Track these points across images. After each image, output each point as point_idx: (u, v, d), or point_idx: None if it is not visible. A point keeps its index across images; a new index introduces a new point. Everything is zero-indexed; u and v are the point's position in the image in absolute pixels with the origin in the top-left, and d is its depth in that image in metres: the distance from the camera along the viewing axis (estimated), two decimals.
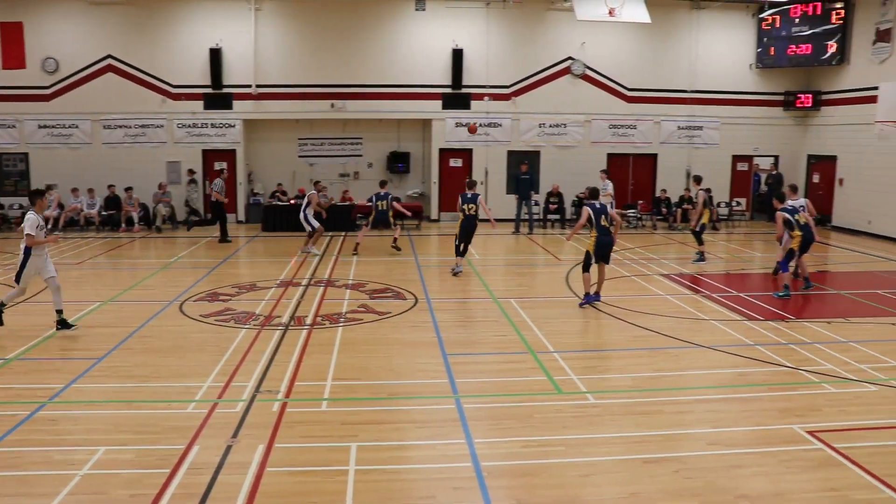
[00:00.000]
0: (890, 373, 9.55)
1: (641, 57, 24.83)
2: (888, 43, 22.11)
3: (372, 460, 6.73)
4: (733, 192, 26.02)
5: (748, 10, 25.07)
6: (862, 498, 6.22)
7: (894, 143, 20.86)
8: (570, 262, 17.12)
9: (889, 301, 13.75)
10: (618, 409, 8.13)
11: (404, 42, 23.69)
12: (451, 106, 24.05)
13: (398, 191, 24.39)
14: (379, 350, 10.25)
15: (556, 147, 24.68)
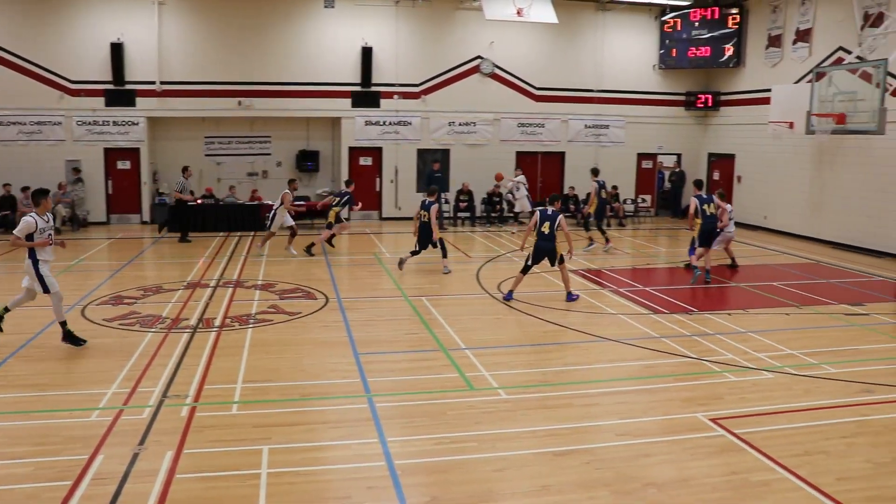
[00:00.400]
0: (785, 360, 10.03)
1: (549, 57, 25.26)
2: (779, 48, 23.17)
3: (284, 462, 6.67)
4: (639, 189, 26.77)
5: (651, 13, 25.81)
6: (760, 479, 6.52)
7: (786, 143, 21.86)
8: (480, 260, 17.30)
9: (784, 292, 14.41)
10: (529, 404, 8.28)
11: (313, 39, 23.42)
12: (361, 104, 23.92)
13: (307, 190, 24.13)
14: (290, 351, 10.15)
15: (466, 145, 24.86)
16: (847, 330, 11.93)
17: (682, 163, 27.11)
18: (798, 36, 22.36)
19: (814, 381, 9.25)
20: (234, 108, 23.01)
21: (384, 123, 24.14)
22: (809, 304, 13.51)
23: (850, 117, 17.03)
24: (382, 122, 24.12)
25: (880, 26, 18.36)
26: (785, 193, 22.63)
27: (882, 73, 16.15)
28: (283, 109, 23.39)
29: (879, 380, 9.32)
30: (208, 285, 14.23)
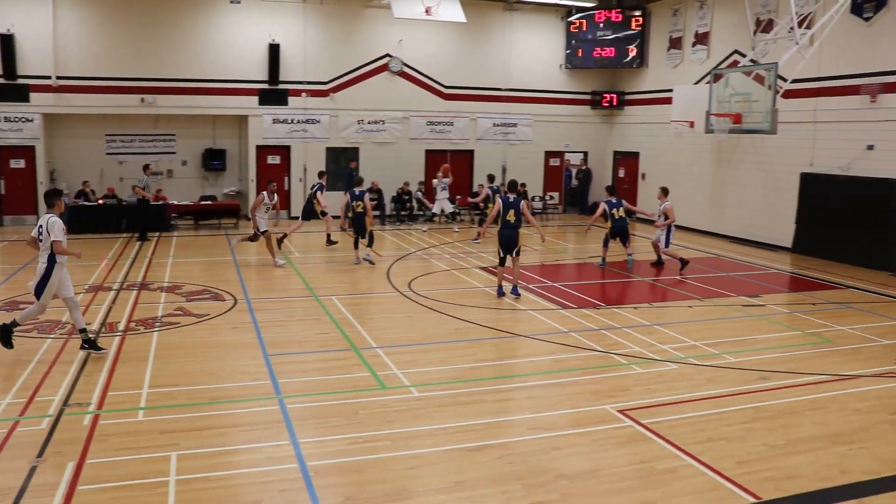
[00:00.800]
0: (688, 351, 10.38)
1: (458, 55, 25.43)
2: (680, 50, 23.97)
3: (194, 468, 6.52)
4: (546, 186, 27.22)
5: (557, 14, 26.29)
6: (666, 467, 6.73)
7: (687, 141, 22.60)
8: (390, 258, 17.28)
9: (687, 286, 14.92)
10: (441, 401, 8.32)
11: (219, 35, 22.91)
12: (268, 102, 23.55)
13: (214, 189, 23.64)
14: (198, 354, 9.92)
15: (375, 143, 24.79)
16: (745, 321, 12.44)
17: (588, 161, 27.73)
18: (697, 39, 23.17)
19: (715, 370, 9.61)
20: (136, 105, 22.30)
21: (292, 121, 23.84)
22: (711, 297, 14.02)
23: (745, 117, 17.71)
24: (291, 121, 23.81)
25: (770, 32, 19.19)
26: (687, 190, 23.39)
27: (773, 76, 16.86)
28: (189, 107, 22.81)
29: (775, 367, 9.75)
30: (111, 288, 13.78)
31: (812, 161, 18.92)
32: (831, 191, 18.27)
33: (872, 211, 17.25)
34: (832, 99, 18.40)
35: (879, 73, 17.20)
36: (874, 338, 11.35)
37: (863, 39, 17.62)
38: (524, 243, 20.02)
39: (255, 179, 23.69)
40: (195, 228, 21.69)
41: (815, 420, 7.98)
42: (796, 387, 9.03)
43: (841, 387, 9.11)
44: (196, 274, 15.16)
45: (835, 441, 7.43)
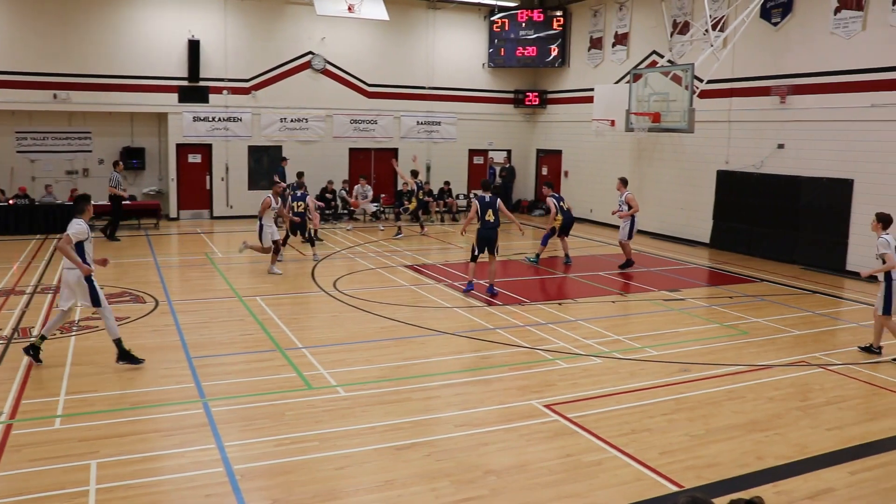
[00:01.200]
0: (611, 345, 10.60)
1: (381, 53, 25.35)
2: (600, 50, 24.42)
3: (115, 476, 6.33)
4: (471, 184, 27.37)
5: (480, 13, 26.46)
6: (592, 459, 6.86)
7: (608, 140, 23.06)
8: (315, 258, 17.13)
9: (609, 281, 15.22)
10: (368, 400, 8.29)
11: (136, 30, 22.25)
12: (189, 99, 23.03)
13: (133, 188, 23.00)
14: None
15: (298, 142, 24.51)
16: (666, 314, 12.76)
17: (512, 158, 27.99)
18: (617, 39, 23.64)
19: (638, 363, 9.83)
20: (49, 102, 21.49)
21: (213, 119, 23.38)
22: (632, 292, 14.35)
23: (664, 116, 18.15)
24: (212, 118, 23.35)
25: (686, 34, 19.72)
26: (609, 187, 23.73)
27: (690, 76, 17.33)
28: (105, 104, 22.10)
29: (695, 359, 10.03)
30: (24, 292, 13.28)
31: (727, 159, 19.53)
32: (746, 188, 18.91)
33: (783, 207, 17.92)
34: (745, 99, 19.04)
35: (788, 75, 17.87)
36: (787, 329, 11.79)
37: (772, 43, 18.28)
38: (453, 242, 20.17)
39: (175, 178, 23.15)
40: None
41: (733, 409, 8.25)
42: (715, 378, 9.31)
43: (756, 376, 9.44)
44: (115, 276, 14.72)
45: (751, 429, 7.70)
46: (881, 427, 7.90)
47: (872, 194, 15.90)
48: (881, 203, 15.66)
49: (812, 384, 9.23)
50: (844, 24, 16.53)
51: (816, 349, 10.72)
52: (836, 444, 7.40)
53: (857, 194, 16.28)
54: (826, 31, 16.96)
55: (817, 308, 13.38)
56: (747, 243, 18.93)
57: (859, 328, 12.08)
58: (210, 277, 15.00)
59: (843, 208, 16.52)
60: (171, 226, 22.37)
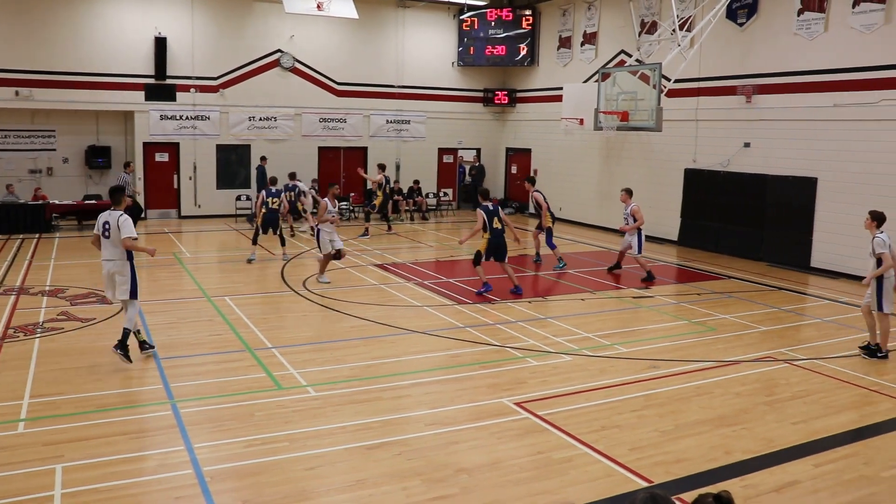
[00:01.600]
0: (581, 343, 10.66)
1: (351, 52, 25.26)
2: (569, 49, 24.55)
3: (81, 480, 6.25)
4: (440, 182, 27.39)
5: (449, 12, 26.47)
6: (562, 456, 6.90)
7: (577, 138, 23.18)
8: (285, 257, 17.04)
9: (578, 279, 15.31)
10: (338, 400, 8.26)
11: (101, 27, 21.91)
12: (155, 97, 22.75)
13: (99, 188, 22.69)
14: (84, 360, 9.51)
15: (267, 141, 24.34)
16: (635, 312, 12.87)
17: (481, 157, 28.03)
18: (585, 38, 23.78)
19: (607, 360, 9.90)
20: (11, 99, 21.09)
21: (181, 118, 23.14)
22: (602, 290, 14.44)
23: (632, 115, 18.30)
24: (179, 117, 23.11)
25: (654, 34, 19.89)
26: (578, 185, 24.02)
27: (657, 75, 17.49)
28: (69, 101, 21.74)
29: (664, 356, 10.13)
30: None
31: (695, 158, 19.74)
32: (713, 186, 19.12)
33: (749, 205, 18.15)
34: (712, 98, 19.26)
35: (753, 75, 18.10)
36: (753, 325, 11.95)
37: (737, 43, 18.50)
38: (423, 241, 20.17)
39: (142, 178, 22.87)
40: (79, 229, 20.77)
41: (702, 405, 8.34)
42: (684, 374, 9.41)
43: (724, 372, 9.55)
44: (81, 276, 14.54)
45: (719, 424, 7.79)
46: (844, 420, 8.04)
47: (836, 192, 16.17)
48: (844, 201, 15.97)
49: (778, 379, 9.36)
50: (807, 25, 16.78)
51: (782, 345, 10.88)
52: (802, 438, 7.51)
53: (820, 192, 16.54)
54: (790, 32, 17.20)
55: (783, 304, 13.57)
56: (715, 241, 19.15)
57: (823, 323, 12.28)
58: (178, 277, 14.86)
59: (808, 206, 16.77)
60: (139, 225, 22.00)
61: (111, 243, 9.25)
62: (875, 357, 10.17)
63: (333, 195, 14.80)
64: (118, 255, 9.27)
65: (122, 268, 9.31)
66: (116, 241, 9.21)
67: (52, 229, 20.26)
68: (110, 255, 9.29)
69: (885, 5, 15.22)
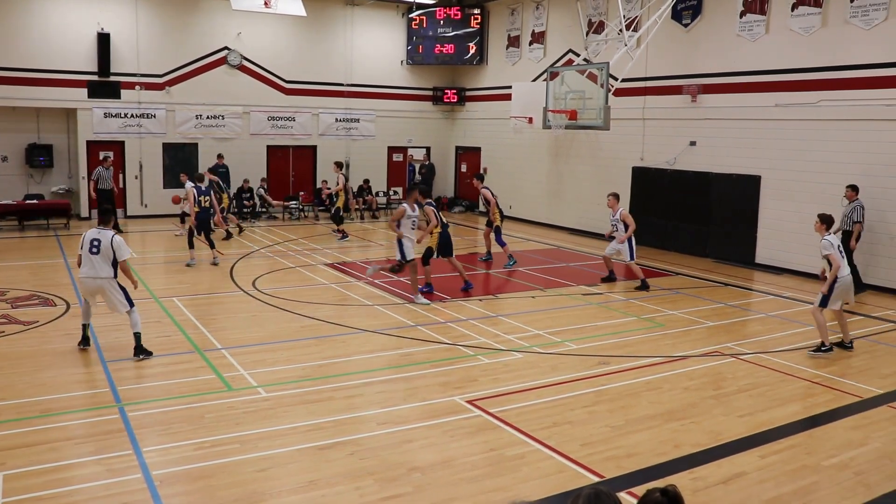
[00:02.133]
0: (532, 340, 10.74)
1: (299, 50, 25.05)
2: (518, 48, 24.70)
3: (24, 488, 6.08)
4: (390, 181, 27.32)
5: (398, 10, 26.42)
6: (515, 453, 6.95)
7: (526, 137, 23.31)
8: (233, 257, 16.83)
9: (529, 277, 15.41)
10: (290, 401, 8.20)
11: (41, 21, 21.32)
12: (99, 94, 22.25)
13: (41, 187, 22.14)
14: (25, 364, 9.27)
15: (215, 139, 23.99)
16: (585, 309, 13.01)
17: (431, 155, 28.04)
18: (534, 38, 23.93)
19: (558, 357, 9.99)
20: None
21: (126, 116, 22.67)
22: (552, 287, 14.56)
23: (580, 114, 18.42)
24: (124, 115, 22.63)
25: (601, 33, 20.11)
26: (527, 184, 24.18)
27: (605, 74, 17.65)
28: (7, 98, 21.12)
29: (614, 352, 10.26)
30: None
31: (642, 156, 20.02)
32: (660, 184, 19.42)
33: (695, 203, 18.48)
34: (658, 98, 19.55)
35: (698, 74, 18.43)
36: (701, 320, 12.17)
37: (683, 43, 18.82)
38: (373, 240, 20.08)
39: (85, 177, 22.33)
40: (20, 229, 20.24)
41: (651, 400, 8.47)
42: (633, 370, 9.55)
43: (673, 367, 9.72)
44: (22, 278, 14.18)
45: (668, 418, 7.92)
46: (788, 412, 8.24)
47: (779, 190, 16.55)
48: (787, 199, 16.35)
49: (725, 373, 9.55)
50: (749, 27, 17.13)
51: (729, 339, 11.10)
52: (748, 430, 7.68)
53: (764, 190, 16.91)
54: (732, 33, 17.55)
55: (729, 300, 13.84)
56: (662, 238, 19.44)
57: (768, 318, 12.56)
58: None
59: (752, 204, 17.13)
60: (83, 226, 21.53)
61: (100, 260, 9.27)
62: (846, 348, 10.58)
63: (414, 200, 13.33)
64: (107, 272, 9.34)
65: (111, 285, 9.41)
66: (106, 259, 9.31)
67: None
68: (97, 272, 9.32)
69: (822, 9, 15.62)
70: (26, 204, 20.75)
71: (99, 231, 9.44)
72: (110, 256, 9.30)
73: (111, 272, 9.37)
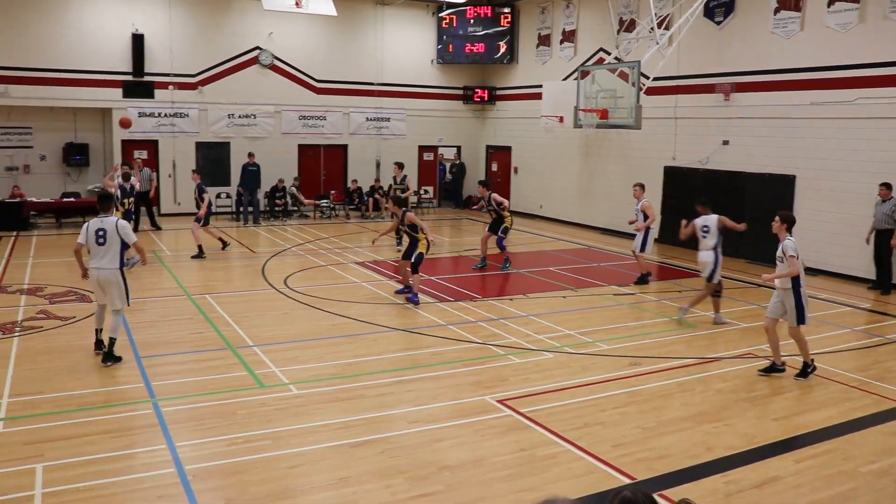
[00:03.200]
0: (562, 340, 10.70)
1: (330, 49, 25.17)
2: (548, 47, 24.60)
3: (62, 480, 6.19)
4: (421, 180, 27.36)
5: (428, 9, 26.45)
6: (545, 453, 6.93)
7: (557, 136, 23.23)
8: (265, 255, 16.96)
9: (560, 277, 15.35)
10: (321, 398, 8.24)
11: (78, 23, 21.64)
12: (133, 94, 22.53)
13: (77, 185, 22.49)
14: (63, 358, 9.43)
15: (247, 138, 24.19)
16: (617, 309, 12.93)
17: (461, 155, 28.04)
18: (564, 36, 23.83)
19: (589, 358, 9.94)
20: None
21: (160, 115, 22.94)
22: (583, 287, 14.49)
23: (611, 113, 18.34)
24: (158, 114, 22.91)
25: (633, 32, 19.98)
26: (558, 183, 24.09)
27: (636, 73, 17.55)
28: (46, 98, 21.47)
29: (645, 353, 10.18)
30: None
31: (674, 155, 19.85)
32: (692, 184, 19.22)
33: (728, 203, 18.21)
34: (690, 97, 19.38)
35: (731, 73, 18.23)
36: (733, 322, 12.04)
37: (715, 41, 18.62)
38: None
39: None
40: (57, 227, 20.57)
41: (683, 402, 8.40)
42: (665, 371, 9.47)
43: (705, 369, 9.63)
44: (59, 275, 14.39)
45: (700, 420, 7.85)
46: (824, 415, 8.12)
47: (814, 189, 16.33)
48: (822, 198, 16.13)
49: (758, 376, 9.43)
50: (784, 24, 16.92)
51: (762, 341, 10.91)
52: (782, 434, 7.58)
53: (799, 190, 16.69)
54: (767, 30, 17.34)
55: (762, 301, 13.65)
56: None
57: None
58: (158, 275, 14.74)
59: (786, 204, 16.87)
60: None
61: (106, 250, 9.14)
62: (806, 376, 9.28)
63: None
64: (114, 262, 9.21)
65: (116, 276, 9.25)
66: (113, 248, 9.16)
67: (30, 227, 20.04)
68: (104, 263, 9.17)
69: (860, 5, 15.37)
70: (63, 202, 21.08)
71: (102, 220, 9.20)
72: (118, 243, 9.16)
73: (118, 263, 9.23)
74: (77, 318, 11.33)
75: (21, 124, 21.96)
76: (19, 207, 19.81)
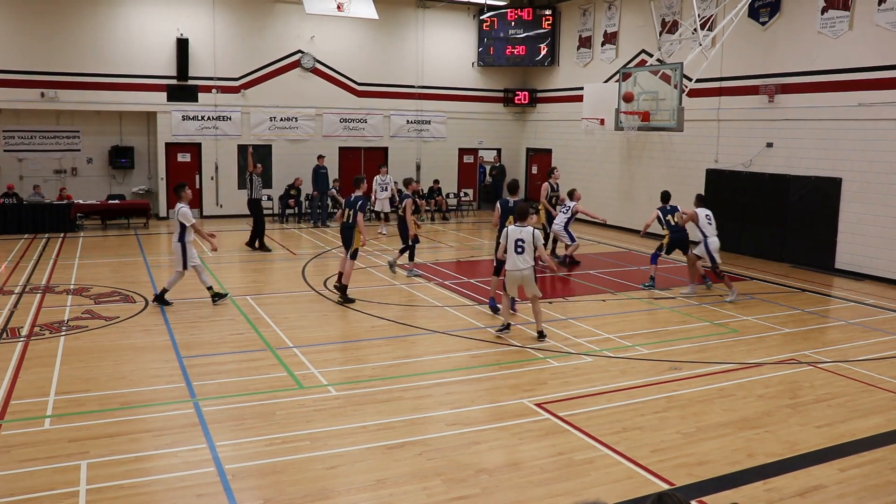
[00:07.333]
0: (602, 344, 10.61)
1: (371, 52, 25.31)
2: (589, 49, 24.48)
3: (106, 477, 6.31)
4: (461, 183, 27.38)
5: (469, 12, 26.47)
6: (583, 458, 6.88)
7: (598, 138, 23.08)
8: (306, 257, 17.10)
9: (598, 280, 15.25)
10: (359, 399, 8.28)
11: (124, 28, 22.10)
12: (178, 98, 22.92)
13: (122, 188, 22.91)
14: (108, 358, 9.61)
15: (288, 141, 24.45)
16: (656, 313, 12.80)
17: (502, 157, 28.00)
18: (606, 38, 23.68)
19: (629, 362, 9.85)
20: (36, 100, 21.34)
21: (203, 118, 23.29)
22: (623, 290, 14.37)
23: (653, 115, 18.16)
24: (201, 117, 23.26)
25: (675, 33, 19.77)
26: (598, 185, 23.92)
27: (679, 75, 17.36)
28: (93, 102, 21.96)
29: (685, 357, 10.06)
30: (13, 292, 13.20)
31: (717, 158, 19.60)
32: (735, 186, 18.98)
33: (772, 206, 18.00)
34: (734, 98, 19.11)
35: (776, 74, 17.95)
36: (776, 326, 11.85)
37: (760, 42, 18.35)
38: (444, 241, 20.15)
39: (164, 177, 23.03)
40: (103, 228, 20.99)
41: (724, 407, 8.28)
42: (705, 376, 9.34)
43: (746, 374, 9.48)
44: (104, 275, 14.68)
45: (742, 426, 7.73)
46: (870, 424, 7.95)
47: (860, 193, 16.00)
48: (869, 202, 15.80)
49: (801, 382, 9.27)
50: (831, 23, 16.61)
51: (806, 347, 10.77)
52: (826, 442, 7.43)
53: (845, 193, 16.36)
54: (813, 30, 17.04)
55: (806, 306, 13.44)
56: (737, 241, 18.97)
57: (848, 325, 12.15)
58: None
59: (832, 207, 16.60)
60: (161, 225, 22.23)
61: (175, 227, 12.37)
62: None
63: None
64: (175, 238, 12.32)
65: (176, 247, 12.32)
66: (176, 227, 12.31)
67: (77, 229, 20.47)
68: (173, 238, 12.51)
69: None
70: (109, 204, 21.48)
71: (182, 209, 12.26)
72: (178, 225, 12.21)
73: (177, 237, 12.24)
74: (121, 318, 11.53)
75: (69, 128, 22.48)
76: (66, 209, 20.23)
